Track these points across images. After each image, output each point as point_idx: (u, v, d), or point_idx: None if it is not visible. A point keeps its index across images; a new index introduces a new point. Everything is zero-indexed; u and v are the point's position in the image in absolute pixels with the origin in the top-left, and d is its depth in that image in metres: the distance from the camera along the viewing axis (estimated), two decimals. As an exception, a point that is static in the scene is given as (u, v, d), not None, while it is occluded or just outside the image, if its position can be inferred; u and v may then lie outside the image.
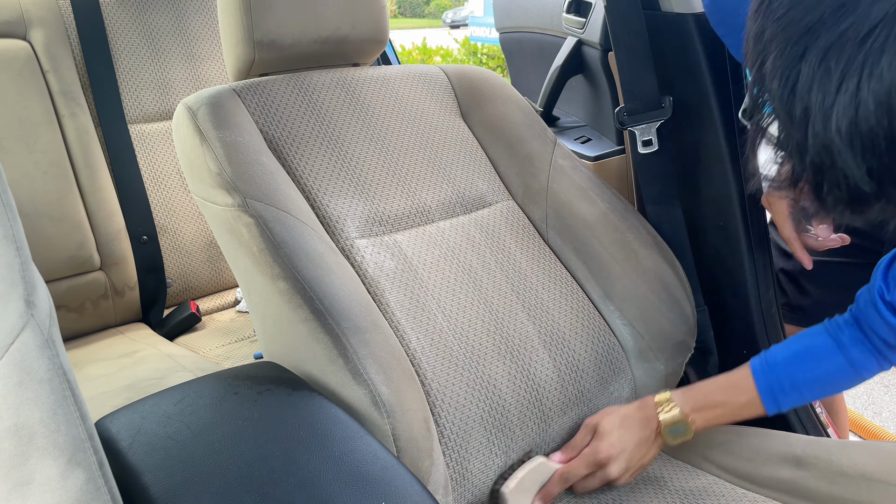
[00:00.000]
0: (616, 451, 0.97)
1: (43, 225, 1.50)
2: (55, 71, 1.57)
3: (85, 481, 0.51)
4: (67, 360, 0.54)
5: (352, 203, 1.07)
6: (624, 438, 0.98)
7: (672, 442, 1.00)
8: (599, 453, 0.97)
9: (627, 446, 0.97)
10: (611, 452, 0.97)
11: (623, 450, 0.97)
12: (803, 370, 0.95)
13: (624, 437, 0.98)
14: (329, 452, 0.67)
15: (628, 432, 0.98)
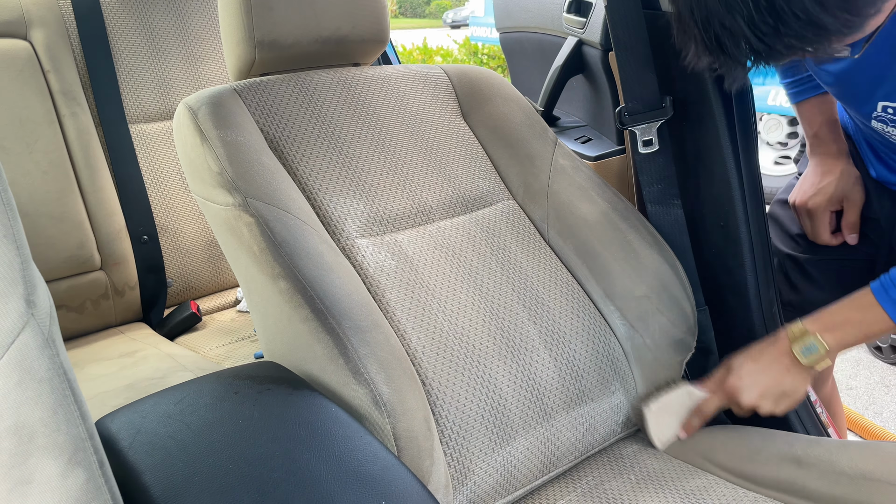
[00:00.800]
0: (744, 382, 1.02)
1: (43, 225, 1.50)
2: (56, 71, 1.57)
3: (85, 480, 0.51)
4: (68, 360, 0.54)
5: (352, 202, 1.07)
6: (752, 369, 1.02)
7: (808, 361, 0.99)
8: (728, 385, 1.04)
9: (757, 375, 1.02)
10: (738, 384, 1.02)
11: (753, 380, 1.02)
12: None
13: (752, 368, 1.02)
14: (329, 452, 0.67)
15: (756, 363, 1.03)
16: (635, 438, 1.15)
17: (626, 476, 1.05)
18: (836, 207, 1.20)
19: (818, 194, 1.20)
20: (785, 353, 1.01)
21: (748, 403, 1.02)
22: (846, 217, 1.20)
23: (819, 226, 1.21)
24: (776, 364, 1.02)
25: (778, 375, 1.01)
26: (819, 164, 1.21)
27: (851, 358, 2.46)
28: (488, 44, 6.63)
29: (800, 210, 1.24)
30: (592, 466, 1.08)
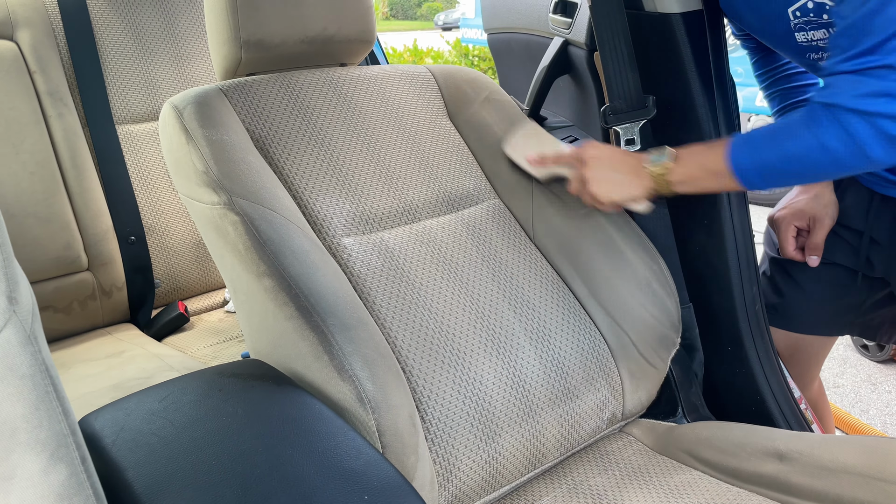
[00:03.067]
0: (596, 155, 1.09)
1: (30, 225, 1.49)
2: (42, 71, 1.57)
3: (67, 476, 0.51)
4: (50, 357, 0.54)
5: (338, 202, 1.08)
6: (607, 162, 1.09)
7: (653, 169, 1.04)
8: (583, 154, 1.10)
9: (608, 169, 1.08)
10: (591, 154, 1.09)
11: (602, 158, 1.09)
12: (770, 135, 0.96)
13: (607, 161, 1.09)
14: (312, 448, 0.68)
15: (612, 156, 1.10)
16: (620, 435, 1.16)
17: (611, 472, 1.06)
18: (801, 224, 1.22)
19: (785, 208, 1.24)
20: (637, 157, 1.07)
21: (594, 193, 1.08)
22: (811, 237, 1.21)
23: (782, 239, 1.24)
24: (629, 160, 1.08)
25: (623, 164, 1.08)
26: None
27: (838, 357, 2.48)
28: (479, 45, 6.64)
29: (769, 223, 1.28)
30: (577, 463, 1.09)
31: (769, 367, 1.20)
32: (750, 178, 0.97)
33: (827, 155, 0.90)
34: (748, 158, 0.96)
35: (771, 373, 1.20)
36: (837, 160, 0.90)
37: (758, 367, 1.20)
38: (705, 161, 1.01)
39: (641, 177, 1.06)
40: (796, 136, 0.93)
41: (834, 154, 0.90)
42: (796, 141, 0.92)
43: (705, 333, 1.25)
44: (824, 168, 0.93)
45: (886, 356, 2.41)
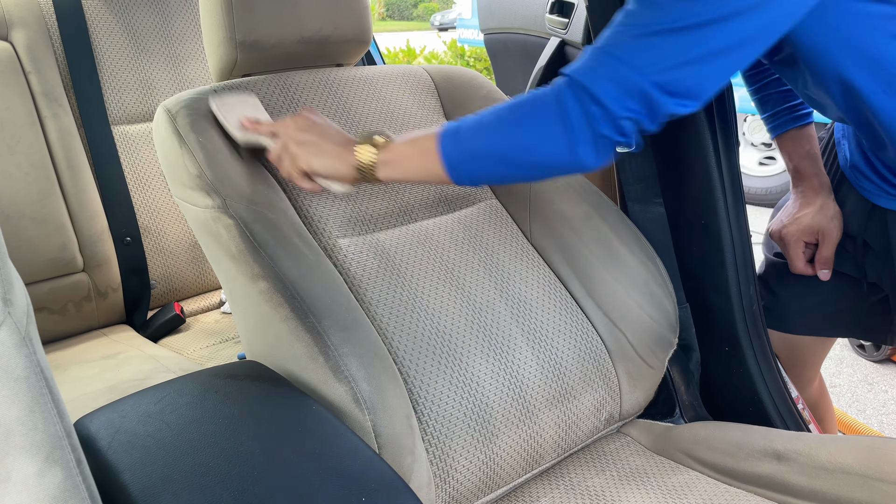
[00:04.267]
0: (310, 118, 1.00)
1: (25, 226, 1.49)
2: (37, 72, 1.56)
3: (62, 479, 0.51)
4: (45, 359, 0.54)
5: (334, 203, 1.08)
6: (313, 117, 1.00)
7: (360, 145, 0.95)
8: (299, 114, 1.01)
9: (317, 126, 0.99)
10: (306, 116, 1.00)
11: (312, 126, 0.99)
12: (480, 114, 0.89)
13: (313, 116, 1.01)
14: (309, 449, 0.68)
15: (325, 130, 0.99)
16: (618, 436, 1.16)
17: (609, 473, 1.06)
18: (809, 239, 1.20)
19: (792, 224, 1.20)
20: (348, 136, 0.99)
21: (299, 164, 0.96)
22: (820, 251, 1.19)
23: (793, 255, 1.21)
24: (341, 135, 0.99)
25: (334, 140, 0.97)
26: (799, 196, 1.21)
27: (835, 356, 2.48)
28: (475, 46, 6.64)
29: (774, 238, 1.25)
30: (575, 463, 1.09)
31: (766, 368, 1.20)
32: (456, 163, 0.88)
33: (529, 129, 0.83)
34: (454, 140, 0.88)
35: (768, 373, 1.20)
36: (541, 133, 0.83)
37: (755, 367, 1.20)
38: (416, 143, 0.92)
39: (348, 152, 0.95)
40: (504, 107, 0.86)
41: (537, 131, 0.83)
42: (503, 110, 0.86)
43: (702, 334, 1.25)
44: (524, 149, 0.85)
45: (883, 356, 2.42)
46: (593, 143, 0.81)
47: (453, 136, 0.89)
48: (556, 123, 0.81)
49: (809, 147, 1.21)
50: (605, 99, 0.78)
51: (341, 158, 0.95)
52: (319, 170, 0.96)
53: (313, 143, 0.97)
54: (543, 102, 0.83)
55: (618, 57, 0.79)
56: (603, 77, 0.79)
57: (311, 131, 0.98)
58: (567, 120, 0.80)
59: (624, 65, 0.78)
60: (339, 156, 0.96)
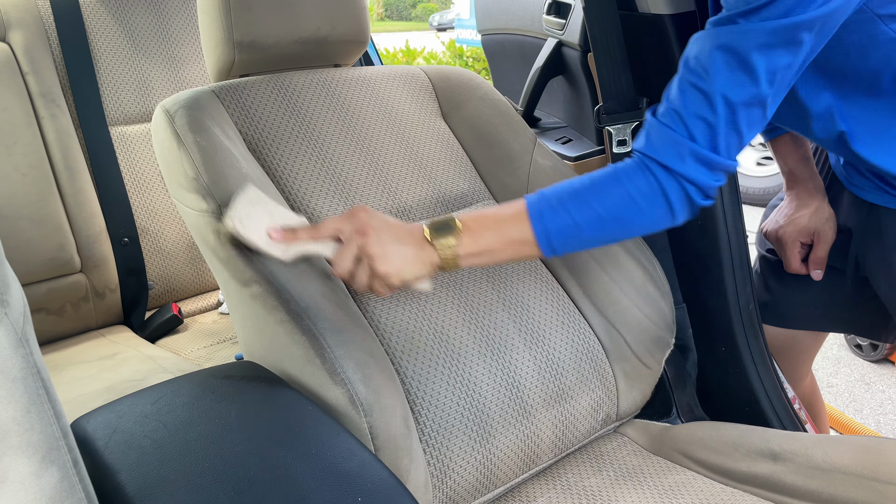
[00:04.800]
0: (377, 225, 0.88)
1: (22, 227, 1.49)
2: (35, 72, 1.56)
3: (59, 479, 0.51)
4: (42, 359, 0.54)
5: (332, 203, 1.08)
6: (386, 221, 0.89)
7: (435, 241, 0.88)
8: (362, 223, 0.87)
9: (390, 227, 0.88)
10: (372, 224, 0.87)
11: (385, 228, 0.88)
12: (576, 189, 0.90)
13: (385, 220, 0.89)
14: (305, 449, 0.68)
15: (394, 222, 0.90)
16: (615, 436, 1.16)
17: (606, 473, 1.06)
18: (805, 240, 1.21)
19: (789, 225, 1.22)
20: (419, 229, 0.90)
21: (382, 272, 0.86)
22: (815, 252, 1.21)
23: (789, 255, 1.23)
24: (410, 230, 0.89)
25: (408, 242, 0.88)
26: (794, 199, 1.23)
27: (832, 356, 2.48)
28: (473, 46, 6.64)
29: (770, 238, 1.26)
30: (572, 463, 1.09)
31: (763, 368, 1.21)
32: (554, 244, 0.89)
33: (636, 211, 0.88)
34: (554, 223, 0.88)
35: (765, 373, 1.21)
36: (645, 215, 0.89)
37: (751, 367, 1.20)
38: (503, 231, 0.90)
39: (426, 251, 0.88)
40: (605, 192, 0.89)
41: (643, 210, 0.88)
42: (605, 197, 0.89)
43: (699, 334, 1.25)
44: (631, 227, 0.91)
45: (880, 356, 2.42)
46: (690, 209, 0.90)
47: (550, 238, 0.89)
48: (664, 211, 0.89)
49: (803, 150, 1.22)
50: (700, 180, 0.87)
51: (420, 259, 0.88)
52: (403, 277, 0.88)
53: (396, 253, 0.87)
54: (649, 196, 0.88)
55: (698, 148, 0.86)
56: (692, 164, 0.86)
57: (377, 234, 0.87)
58: (671, 205, 0.89)
59: (707, 150, 0.86)
60: (417, 257, 0.88)
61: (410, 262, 0.88)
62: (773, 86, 0.84)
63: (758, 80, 0.82)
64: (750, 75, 0.82)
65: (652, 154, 0.88)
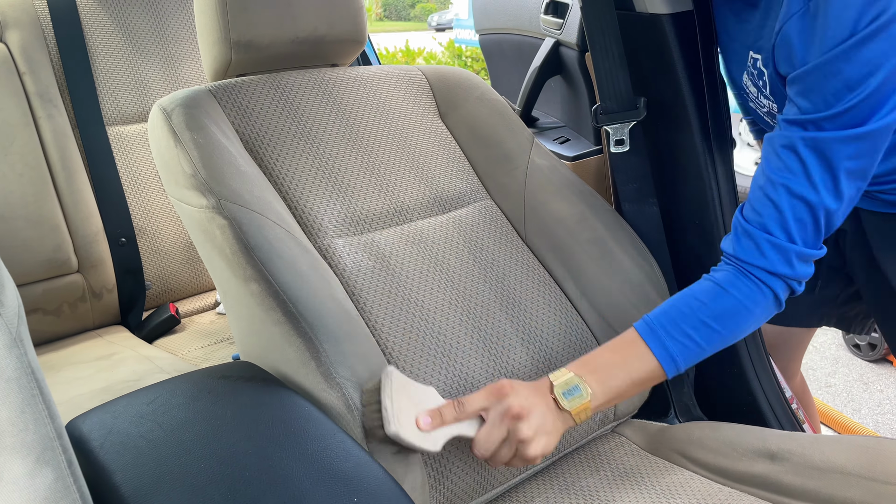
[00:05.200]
0: (527, 406, 0.85)
1: (19, 227, 1.48)
2: (31, 72, 1.56)
3: (53, 480, 0.51)
4: (36, 360, 0.54)
5: (329, 203, 1.07)
6: (530, 398, 0.87)
7: (570, 406, 0.87)
8: (512, 407, 0.85)
9: (535, 406, 0.86)
10: (522, 406, 0.85)
11: (533, 408, 0.86)
12: (686, 313, 0.92)
13: (529, 398, 0.87)
14: (302, 450, 0.67)
15: (533, 394, 0.88)
16: (612, 436, 1.16)
17: (603, 473, 1.06)
18: None
19: None
20: (545, 387, 0.89)
21: (527, 434, 0.84)
22: None
23: None
24: (543, 398, 0.88)
25: (549, 413, 0.87)
26: None
27: (830, 356, 2.48)
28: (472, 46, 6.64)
29: None
30: (569, 463, 1.09)
31: (760, 367, 1.21)
32: (680, 367, 0.91)
33: (749, 316, 0.92)
34: (679, 351, 0.91)
35: (762, 373, 1.20)
36: (758, 318, 0.93)
37: (749, 366, 1.20)
38: (628, 373, 0.90)
39: (563, 416, 0.88)
40: (721, 311, 0.91)
41: (756, 314, 0.92)
42: (722, 315, 0.91)
43: (696, 333, 1.25)
44: (745, 331, 0.94)
45: (878, 355, 2.42)
46: (792, 294, 0.95)
47: (678, 364, 0.91)
48: (773, 307, 0.94)
49: None
50: (806, 274, 0.92)
51: (558, 429, 0.88)
52: (546, 453, 0.87)
53: (543, 430, 0.86)
54: (762, 302, 0.92)
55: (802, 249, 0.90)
56: (798, 265, 0.91)
57: (528, 419, 0.85)
58: (779, 301, 0.93)
59: (811, 248, 0.90)
60: (555, 428, 0.88)
61: (553, 437, 0.87)
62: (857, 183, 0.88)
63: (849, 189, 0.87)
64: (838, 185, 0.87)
65: (757, 263, 0.91)
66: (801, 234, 0.89)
